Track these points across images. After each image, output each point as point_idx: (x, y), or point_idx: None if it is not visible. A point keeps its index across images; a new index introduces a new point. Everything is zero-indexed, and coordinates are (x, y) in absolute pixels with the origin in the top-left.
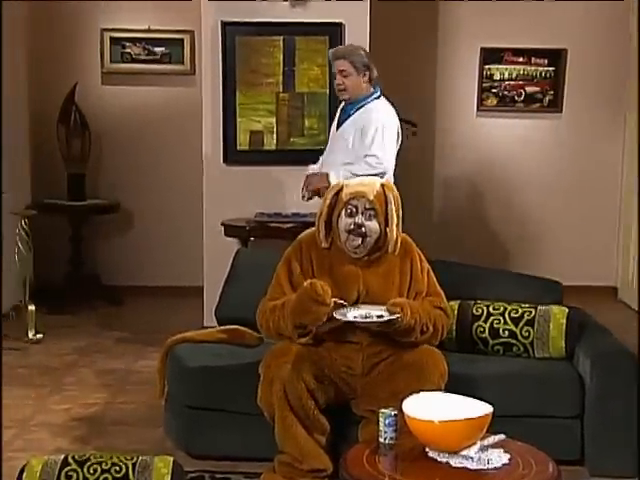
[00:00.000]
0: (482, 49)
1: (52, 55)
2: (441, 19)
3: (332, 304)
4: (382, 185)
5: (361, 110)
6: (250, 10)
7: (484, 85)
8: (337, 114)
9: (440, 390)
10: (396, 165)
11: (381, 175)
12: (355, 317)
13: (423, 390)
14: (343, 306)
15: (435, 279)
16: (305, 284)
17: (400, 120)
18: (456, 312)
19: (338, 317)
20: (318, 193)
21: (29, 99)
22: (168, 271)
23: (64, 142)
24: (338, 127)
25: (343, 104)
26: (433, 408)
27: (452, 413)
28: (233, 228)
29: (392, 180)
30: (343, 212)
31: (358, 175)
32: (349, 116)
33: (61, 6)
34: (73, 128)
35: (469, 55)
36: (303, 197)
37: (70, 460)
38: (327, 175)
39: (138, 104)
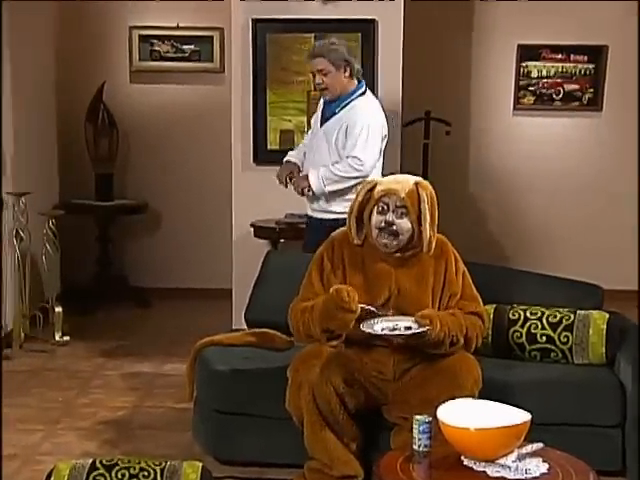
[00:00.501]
0: (519, 46)
1: (80, 54)
2: (476, 15)
3: (359, 310)
4: (416, 183)
5: (347, 108)
6: (281, 7)
7: (521, 83)
8: (319, 110)
9: (473, 397)
10: (383, 164)
11: (363, 177)
12: (383, 329)
13: (456, 397)
14: (371, 312)
15: (471, 282)
16: (331, 290)
17: (432, 119)
18: (492, 316)
19: (365, 330)
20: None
21: (57, 98)
22: (196, 273)
23: (92, 142)
24: (322, 124)
25: (325, 100)
26: (469, 415)
27: (489, 420)
28: (263, 229)
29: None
30: (375, 209)
31: (339, 175)
32: (334, 114)
33: (90, 5)
34: (101, 127)
35: (505, 52)
36: (280, 182)
37: (98, 464)
38: (308, 178)
39: (166, 103)
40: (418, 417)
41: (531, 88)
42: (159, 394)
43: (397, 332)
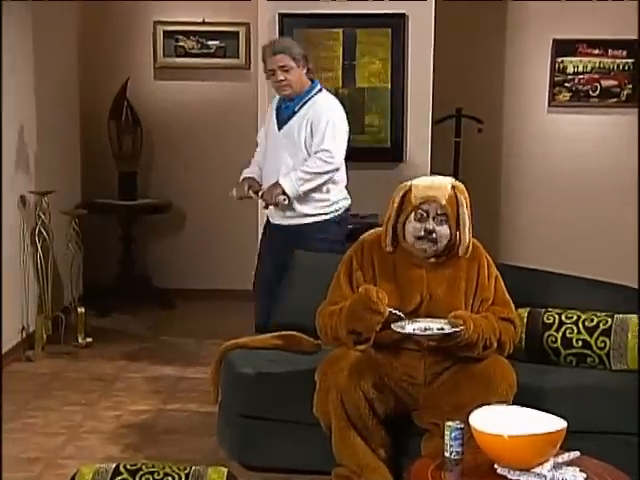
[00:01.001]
0: (554, 41)
1: (104, 50)
2: (510, 9)
3: (387, 313)
4: (453, 187)
5: (307, 105)
6: (308, 2)
7: (556, 79)
8: (271, 113)
9: (508, 403)
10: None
11: (335, 170)
12: (414, 330)
13: (490, 402)
14: (399, 317)
15: (504, 287)
16: (360, 289)
17: (463, 116)
18: (525, 320)
19: (396, 330)
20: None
21: (80, 96)
22: (221, 274)
23: (115, 139)
24: (280, 127)
25: (278, 101)
26: (502, 422)
27: (523, 427)
28: None
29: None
30: (412, 216)
31: (311, 172)
32: (293, 113)
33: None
34: (124, 125)
35: (540, 47)
36: (240, 198)
37: (122, 469)
38: (280, 185)
39: (191, 99)
40: (450, 423)
41: (567, 84)
42: (183, 397)
43: (429, 333)
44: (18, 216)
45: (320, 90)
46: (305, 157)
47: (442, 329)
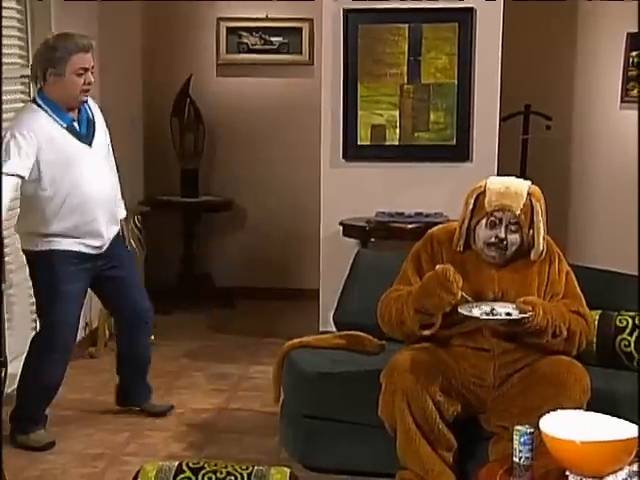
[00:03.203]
0: (629, 35)
1: (166, 47)
2: (581, 3)
3: (459, 295)
4: (529, 194)
5: (88, 106)
6: None
7: (630, 74)
8: (51, 130)
9: (581, 408)
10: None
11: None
12: (481, 314)
13: (562, 407)
14: (469, 302)
15: (575, 282)
16: (437, 267)
17: (532, 113)
18: (597, 323)
19: (462, 312)
20: None
21: (143, 94)
22: (282, 272)
23: (177, 137)
24: (86, 140)
25: (51, 120)
26: (574, 427)
27: (596, 433)
28: (352, 228)
29: None
30: (484, 222)
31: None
32: (90, 120)
33: None
34: (187, 122)
35: (613, 41)
36: None
37: (184, 467)
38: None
39: (254, 96)
40: (519, 427)
41: None
42: (245, 397)
43: (497, 317)
44: None
45: None
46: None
47: (509, 314)
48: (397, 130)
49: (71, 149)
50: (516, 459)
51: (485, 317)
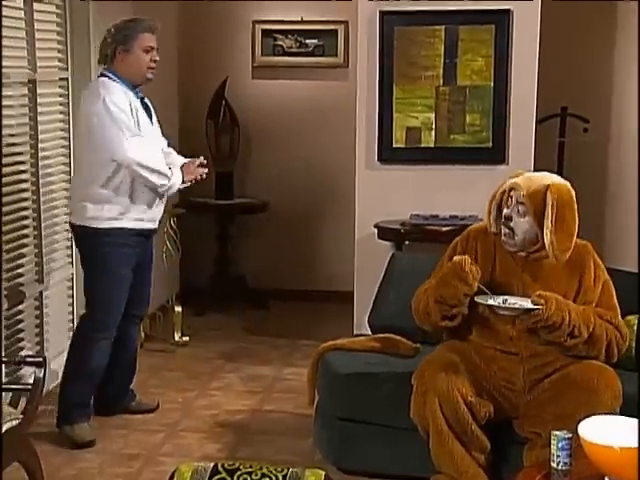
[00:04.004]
0: None
1: (202, 50)
2: (620, 4)
3: (475, 287)
4: (548, 185)
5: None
6: None
7: None
8: (129, 103)
9: (613, 413)
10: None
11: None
12: (495, 303)
13: (594, 413)
14: (485, 294)
15: (613, 293)
16: (455, 258)
17: (569, 115)
18: (636, 327)
19: (478, 301)
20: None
21: (179, 96)
22: (317, 274)
23: (213, 139)
24: (148, 115)
25: (125, 91)
26: (613, 432)
27: (633, 439)
28: (387, 230)
29: None
30: (503, 202)
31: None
32: (143, 99)
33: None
34: (222, 124)
35: None
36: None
37: (220, 468)
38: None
39: (289, 99)
40: (557, 433)
41: None
42: (279, 398)
43: (509, 306)
44: None
45: None
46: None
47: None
48: (432, 132)
49: (144, 120)
50: (554, 464)
51: (497, 305)
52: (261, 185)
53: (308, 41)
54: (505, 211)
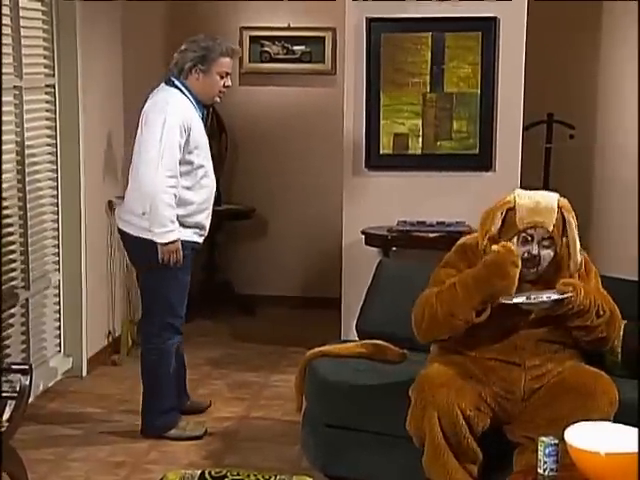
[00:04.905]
0: None
1: None
2: (605, 10)
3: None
4: (560, 207)
5: None
6: (396, 6)
7: None
8: (194, 120)
9: (608, 419)
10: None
11: None
12: (523, 300)
13: (589, 418)
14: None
15: (610, 299)
16: (494, 247)
17: (555, 122)
18: (622, 333)
19: (504, 301)
20: None
21: None
22: (304, 281)
23: None
24: (206, 132)
25: (191, 106)
26: (599, 438)
27: (621, 445)
28: (374, 237)
29: None
30: (515, 239)
31: None
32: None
33: (200, 5)
34: (209, 131)
35: (637, 49)
36: None
37: (207, 476)
38: None
39: (276, 105)
40: (543, 439)
41: None
42: (266, 405)
43: (539, 300)
44: (105, 221)
45: None
46: None
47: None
48: (419, 139)
49: (200, 132)
50: (540, 470)
51: (526, 302)
52: (248, 191)
53: (295, 48)
54: (526, 248)
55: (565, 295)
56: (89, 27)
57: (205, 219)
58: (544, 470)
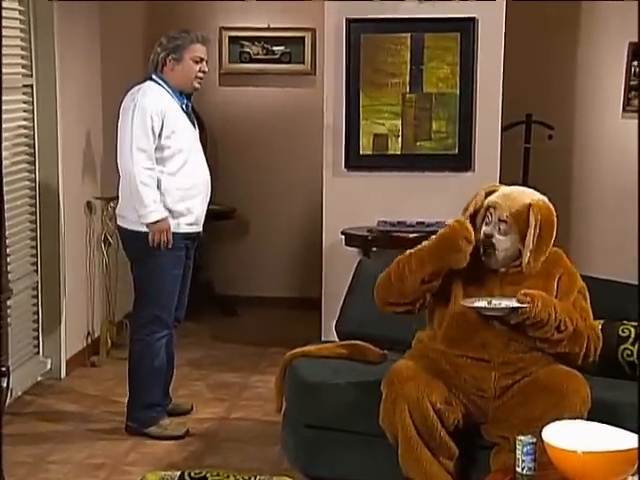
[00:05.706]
0: (631, 44)
1: None
2: (584, 12)
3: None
4: (530, 204)
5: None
6: (375, 6)
7: (631, 83)
8: (172, 109)
9: (581, 418)
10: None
11: None
12: (483, 305)
13: (562, 417)
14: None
15: (587, 299)
16: (451, 222)
17: (533, 122)
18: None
19: (465, 304)
20: None
21: None
22: (284, 281)
23: None
24: (191, 121)
25: (168, 96)
26: (576, 437)
27: (598, 444)
28: (354, 237)
29: None
30: (481, 219)
31: None
32: (188, 107)
33: (179, 5)
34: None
35: (615, 51)
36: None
37: (187, 477)
38: None
39: (256, 105)
40: (521, 438)
41: None
42: (246, 406)
43: (496, 307)
44: (84, 222)
45: None
46: None
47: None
48: (399, 139)
49: (184, 124)
50: (519, 469)
51: (484, 306)
52: (228, 192)
53: (275, 48)
54: (485, 228)
55: (521, 305)
56: (67, 27)
57: (198, 205)
58: (522, 469)
